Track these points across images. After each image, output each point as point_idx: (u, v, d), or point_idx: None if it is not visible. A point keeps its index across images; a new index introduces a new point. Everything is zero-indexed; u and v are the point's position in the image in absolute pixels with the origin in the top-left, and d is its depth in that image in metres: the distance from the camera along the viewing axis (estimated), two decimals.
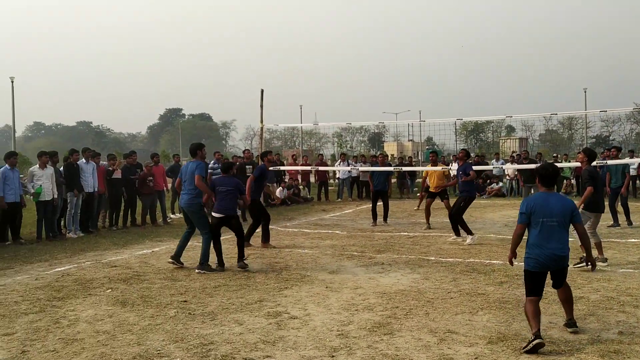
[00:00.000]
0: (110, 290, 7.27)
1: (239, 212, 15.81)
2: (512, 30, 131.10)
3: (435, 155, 14.01)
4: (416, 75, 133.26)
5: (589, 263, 5.60)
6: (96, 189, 13.06)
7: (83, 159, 12.92)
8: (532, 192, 14.68)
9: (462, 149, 11.90)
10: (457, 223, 10.85)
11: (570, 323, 5.32)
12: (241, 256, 8.63)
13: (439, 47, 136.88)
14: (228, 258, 8.76)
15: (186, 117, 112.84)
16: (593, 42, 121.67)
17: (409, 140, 69.20)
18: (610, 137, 74.04)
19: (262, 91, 14.30)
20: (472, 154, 29.53)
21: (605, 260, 8.23)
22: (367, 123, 54.29)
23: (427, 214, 12.98)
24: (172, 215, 15.80)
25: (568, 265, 5.35)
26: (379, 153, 17.80)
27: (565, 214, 5.17)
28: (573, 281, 7.17)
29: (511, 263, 5.52)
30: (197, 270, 8.26)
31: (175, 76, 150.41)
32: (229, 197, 8.78)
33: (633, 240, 10.46)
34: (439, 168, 13.33)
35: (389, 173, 14.54)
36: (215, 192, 8.73)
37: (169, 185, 15.88)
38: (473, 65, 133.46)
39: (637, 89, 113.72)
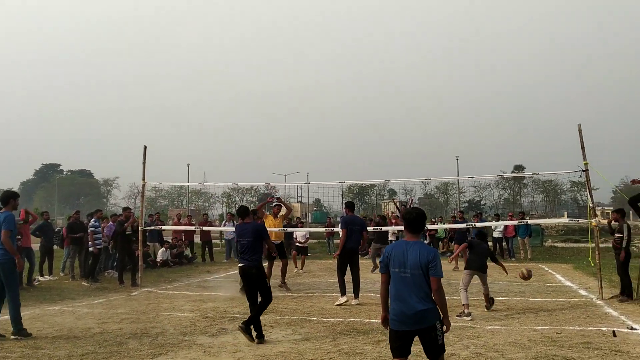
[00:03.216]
0: None
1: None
2: (391, 100, 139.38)
3: None
4: (304, 138, 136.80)
5: (443, 325, 4.70)
6: None
7: None
8: (381, 251, 15.31)
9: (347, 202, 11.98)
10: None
11: None
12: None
13: (324, 113, 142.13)
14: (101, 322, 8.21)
15: (64, 173, 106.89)
16: (465, 113, 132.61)
17: (297, 202, 70.10)
18: (482, 202, 79.64)
19: (145, 147, 13.90)
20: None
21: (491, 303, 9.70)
22: (255, 184, 54.34)
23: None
24: (40, 278, 14.63)
25: (436, 330, 4.58)
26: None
27: (418, 265, 4.55)
28: (445, 338, 7.48)
29: (384, 324, 4.84)
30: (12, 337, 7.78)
31: (55, 130, 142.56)
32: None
33: (500, 298, 11.13)
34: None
35: None
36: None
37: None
38: (356, 131, 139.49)
39: (503, 158, 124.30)
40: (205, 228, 19.94)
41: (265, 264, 12.68)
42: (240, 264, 7.97)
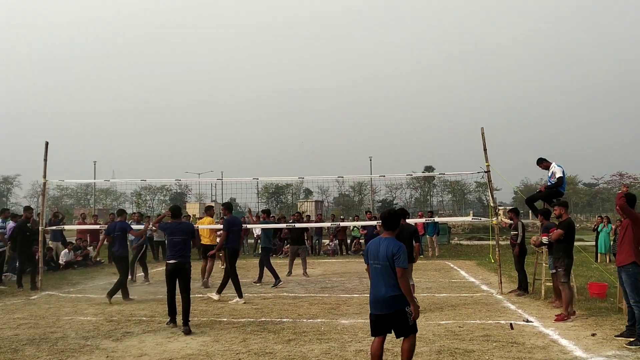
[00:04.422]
0: None
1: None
2: (307, 103, 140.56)
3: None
4: (217, 135, 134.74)
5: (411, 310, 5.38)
6: None
7: None
8: (299, 252, 15.45)
9: (224, 204, 12.07)
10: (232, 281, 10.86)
11: None
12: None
13: (241, 110, 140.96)
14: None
15: None
16: (377, 114, 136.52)
17: (212, 201, 68.95)
18: (394, 202, 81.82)
19: (46, 143, 13.18)
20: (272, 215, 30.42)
21: None
22: (166, 182, 52.80)
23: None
24: None
25: (405, 313, 5.29)
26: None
27: (386, 257, 5.30)
28: (354, 335, 7.62)
29: None
30: None
31: None
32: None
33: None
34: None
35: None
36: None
37: None
38: (271, 131, 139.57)
39: (415, 159, 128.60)
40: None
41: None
42: (172, 260, 8.45)
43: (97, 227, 19.58)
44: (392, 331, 5.43)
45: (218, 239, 16.07)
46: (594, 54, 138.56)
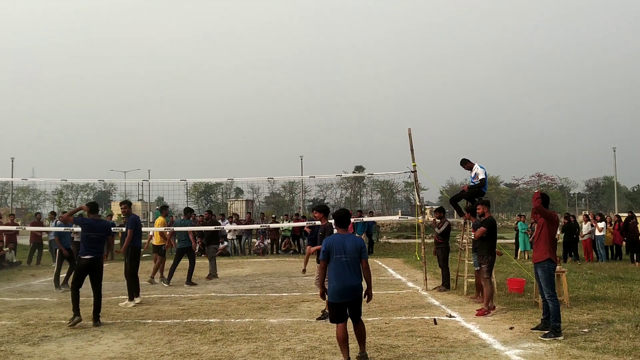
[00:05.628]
0: None
1: None
2: (235, 103, 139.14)
3: None
4: (146, 133, 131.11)
5: (367, 295, 6.22)
6: None
7: None
8: (208, 251, 15.36)
9: (123, 201, 11.66)
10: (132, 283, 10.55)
11: (362, 356, 6.13)
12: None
13: (171, 107, 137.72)
14: None
15: None
16: (309, 113, 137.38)
17: (138, 200, 67.05)
18: (325, 201, 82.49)
19: None
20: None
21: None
22: (90, 180, 50.82)
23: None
24: None
25: (361, 299, 6.04)
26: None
27: (356, 250, 5.99)
28: (282, 333, 7.63)
29: (322, 297, 6.26)
30: None
31: None
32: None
33: None
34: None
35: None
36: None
37: None
38: (201, 130, 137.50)
39: (345, 159, 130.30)
40: (34, 228, 18.23)
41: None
42: (88, 256, 8.61)
43: (14, 227, 18.64)
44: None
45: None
46: (506, 53, 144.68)
